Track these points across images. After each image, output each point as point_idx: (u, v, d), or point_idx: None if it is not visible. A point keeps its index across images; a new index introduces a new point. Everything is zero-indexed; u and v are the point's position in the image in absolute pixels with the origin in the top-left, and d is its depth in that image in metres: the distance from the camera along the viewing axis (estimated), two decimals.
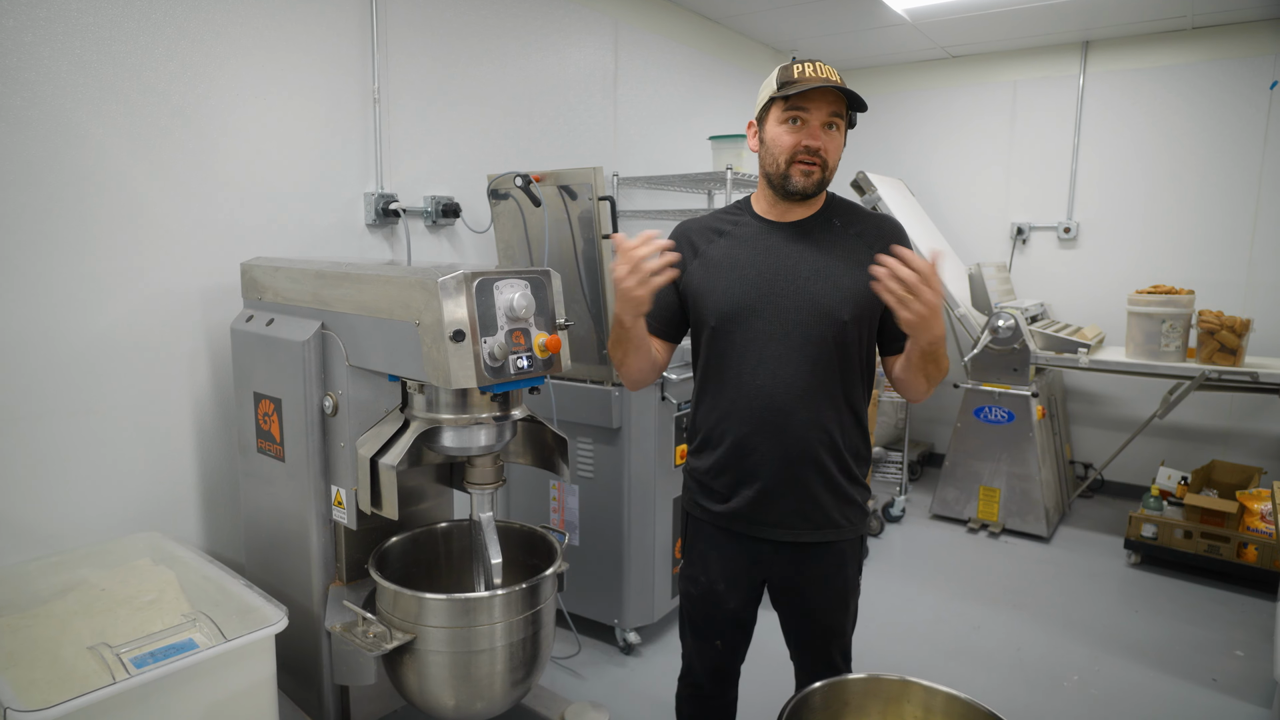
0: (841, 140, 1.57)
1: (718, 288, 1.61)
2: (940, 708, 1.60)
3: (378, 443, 1.70)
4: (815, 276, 1.57)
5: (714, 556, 1.70)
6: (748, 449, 1.60)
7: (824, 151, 1.53)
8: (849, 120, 1.58)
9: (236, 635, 1.54)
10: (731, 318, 1.59)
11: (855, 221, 1.63)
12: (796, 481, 1.60)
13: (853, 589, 1.71)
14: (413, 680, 1.71)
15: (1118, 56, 4.47)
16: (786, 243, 1.60)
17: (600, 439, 2.76)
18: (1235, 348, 3.61)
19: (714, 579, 1.71)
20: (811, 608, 1.69)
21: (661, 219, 3.72)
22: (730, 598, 1.70)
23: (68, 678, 1.43)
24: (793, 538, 1.63)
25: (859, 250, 1.58)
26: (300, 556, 1.90)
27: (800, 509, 1.61)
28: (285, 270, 1.93)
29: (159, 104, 2.07)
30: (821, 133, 1.53)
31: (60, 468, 1.97)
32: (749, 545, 1.66)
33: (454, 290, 1.53)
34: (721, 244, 1.64)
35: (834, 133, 1.54)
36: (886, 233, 1.61)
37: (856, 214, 1.66)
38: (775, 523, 1.63)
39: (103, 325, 2.02)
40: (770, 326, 1.57)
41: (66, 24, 1.88)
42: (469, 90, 2.92)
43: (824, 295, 1.55)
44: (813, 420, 1.58)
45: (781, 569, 1.67)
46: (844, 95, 1.51)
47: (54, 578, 1.80)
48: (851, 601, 1.72)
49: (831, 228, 1.62)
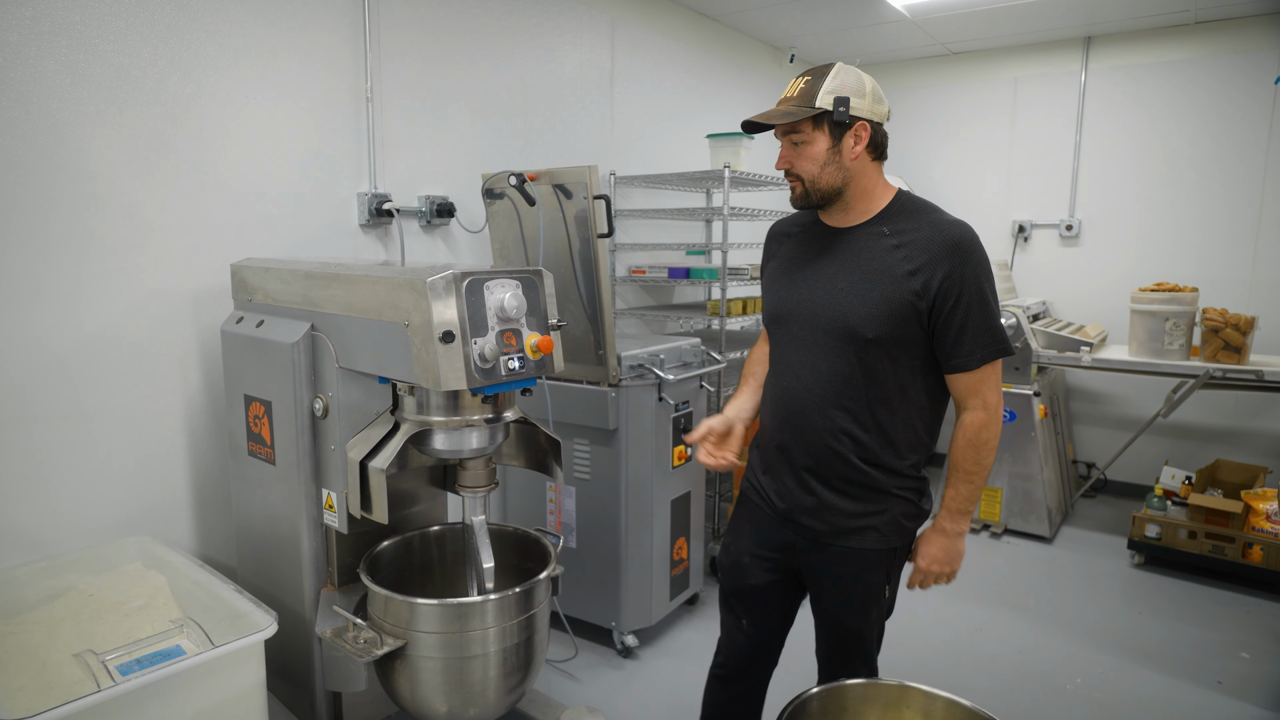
0: (814, 150, 1.55)
1: (772, 288, 1.72)
2: (940, 713, 1.57)
3: (368, 445, 1.67)
4: (847, 290, 1.56)
5: (747, 529, 1.78)
6: (777, 443, 1.69)
7: (793, 168, 1.59)
8: (830, 123, 1.52)
9: (224, 642, 1.52)
10: (776, 319, 1.69)
11: (909, 229, 1.55)
12: (811, 483, 1.65)
13: (874, 597, 1.69)
14: (405, 686, 1.69)
15: (1120, 52, 4.44)
16: (830, 251, 1.62)
17: (597, 440, 2.73)
18: (1240, 346, 3.58)
19: (742, 550, 1.78)
20: (829, 606, 1.71)
21: (659, 218, 3.70)
22: (754, 573, 1.76)
23: (53, 685, 1.41)
24: (813, 536, 1.67)
25: (896, 264, 1.52)
26: (292, 561, 1.87)
27: (815, 509, 1.65)
28: (275, 271, 1.91)
29: (149, 104, 2.05)
30: (788, 150, 1.59)
31: (51, 471, 1.95)
32: (780, 527, 1.71)
33: (443, 291, 1.50)
34: (787, 246, 1.74)
35: (800, 147, 1.57)
36: (937, 246, 1.52)
37: (916, 221, 1.56)
38: (799, 515, 1.67)
39: (93, 327, 2.00)
40: (803, 332, 1.62)
41: (53, 23, 1.86)
42: (463, 89, 2.90)
43: (850, 311, 1.55)
44: (829, 429, 1.60)
45: (807, 558, 1.70)
46: (805, 105, 1.52)
47: (43, 583, 1.78)
48: (872, 609, 1.70)
49: (879, 236, 1.56)
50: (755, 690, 1.87)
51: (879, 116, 1.56)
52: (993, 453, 1.60)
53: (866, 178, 1.58)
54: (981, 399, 1.57)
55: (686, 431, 2.84)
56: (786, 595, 1.79)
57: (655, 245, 3.59)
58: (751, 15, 4.16)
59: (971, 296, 1.51)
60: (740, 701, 1.87)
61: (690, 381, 2.91)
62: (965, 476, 1.61)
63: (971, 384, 1.57)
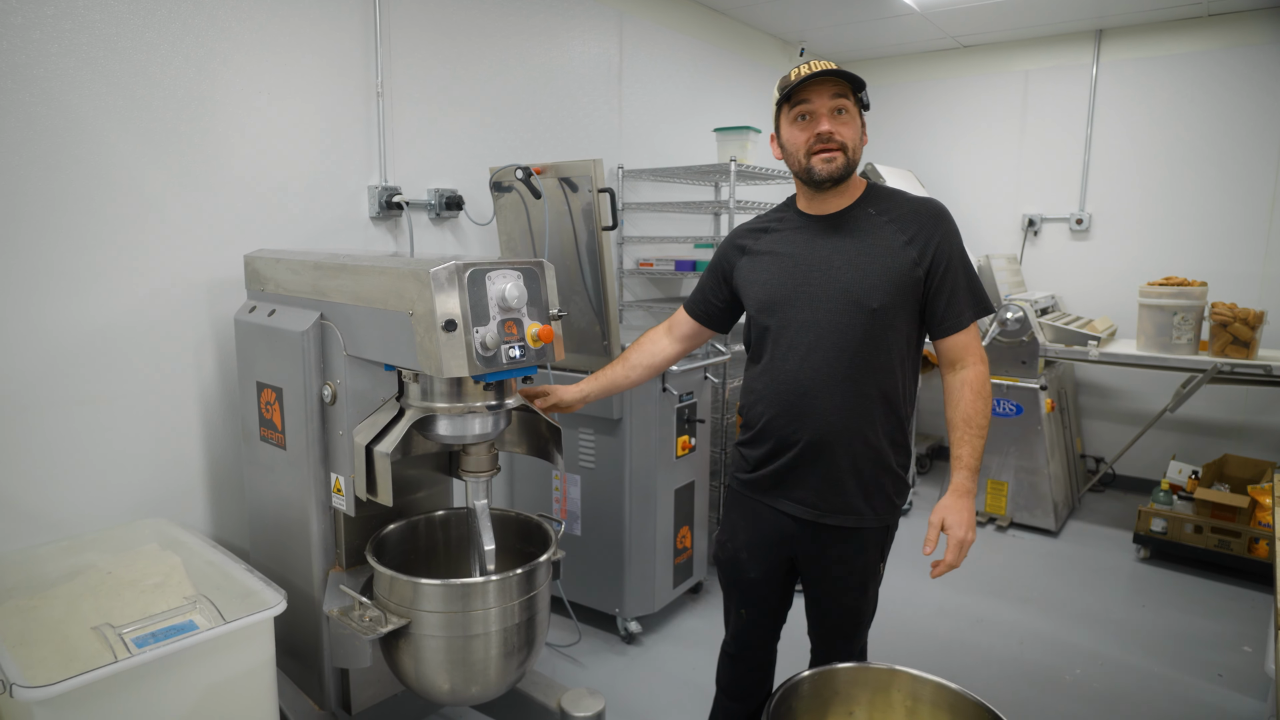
0: (856, 122, 1.62)
1: (759, 279, 1.74)
2: (929, 697, 1.62)
3: (374, 431, 1.73)
4: (847, 266, 1.62)
5: (742, 525, 1.83)
6: (777, 431, 1.71)
7: (838, 135, 1.59)
8: (861, 103, 1.63)
9: (236, 617, 1.58)
10: (768, 307, 1.71)
11: (893, 207, 1.66)
12: (819, 465, 1.68)
13: (872, 575, 1.76)
14: (409, 664, 1.74)
15: (1131, 45, 4.41)
16: (822, 234, 1.67)
17: (601, 430, 2.78)
18: (1248, 340, 3.56)
19: (739, 547, 1.83)
20: (830, 589, 1.77)
21: (666, 211, 3.73)
22: (751, 567, 1.81)
23: (73, 657, 1.48)
24: (814, 518, 1.70)
25: (891, 236, 1.62)
26: (301, 542, 1.94)
27: (822, 492, 1.69)
28: (286, 262, 1.97)
29: (165, 100, 2.11)
30: (831, 119, 1.59)
31: (70, 455, 2.02)
32: (775, 519, 1.76)
33: (446, 281, 1.55)
34: (766, 239, 1.77)
35: (844, 116, 1.60)
36: (923, 216, 1.64)
37: (895, 200, 1.68)
38: (799, 500, 1.71)
39: (111, 316, 2.06)
40: (803, 315, 1.65)
41: (74, 20, 1.92)
42: (472, 84, 2.94)
43: (854, 284, 1.61)
44: (839, 406, 1.64)
45: (805, 546, 1.75)
46: (845, 79, 1.57)
47: (63, 561, 1.85)
48: (871, 587, 1.77)
49: (867, 216, 1.66)
50: (764, 663, 1.97)
51: None
52: (990, 406, 1.66)
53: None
54: (977, 354, 1.66)
55: (690, 422, 2.90)
56: (784, 583, 1.85)
57: (663, 238, 3.63)
58: (760, 9, 4.18)
59: (957, 260, 1.63)
60: (752, 673, 1.97)
61: (694, 373, 2.95)
62: (978, 431, 1.63)
63: (965, 342, 1.65)
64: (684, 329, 1.95)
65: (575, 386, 1.95)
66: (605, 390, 1.95)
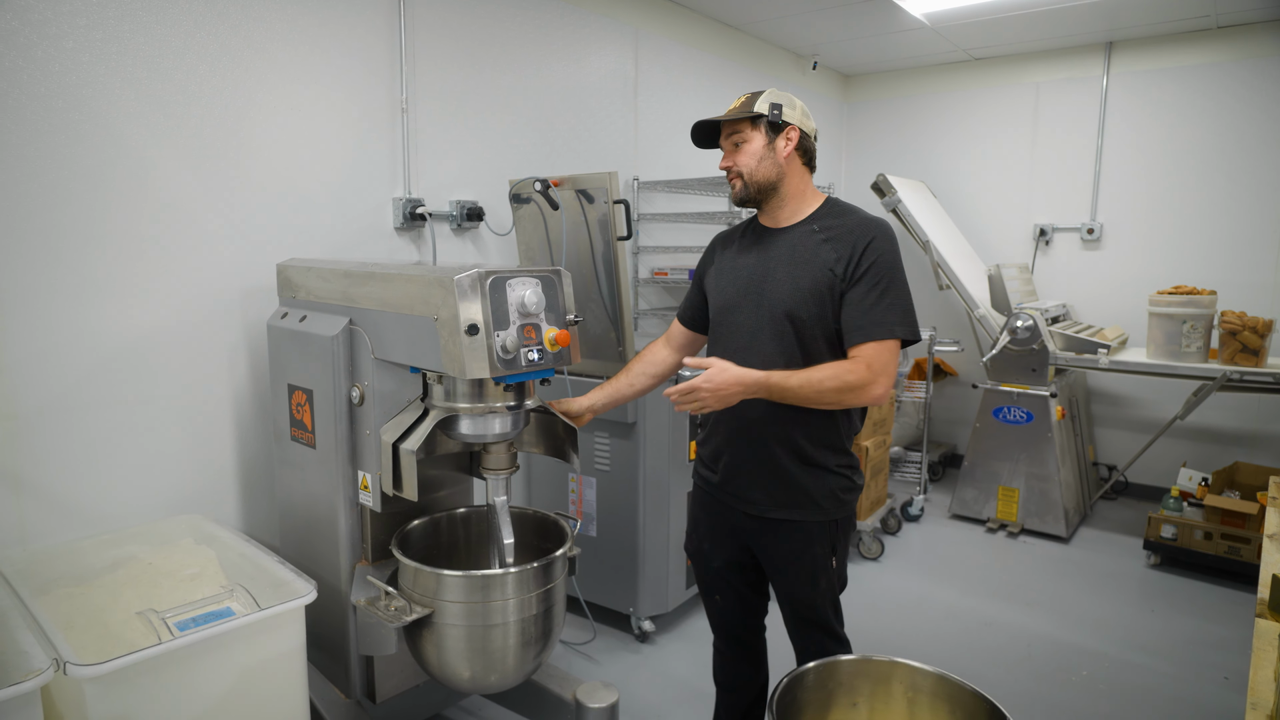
0: (751, 147, 1.76)
1: (716, 285, 1.90)
2: (928, 687, 1.68)
3: (399, 430, 1.82)
4: (784, 279, 1.74)
5: (703, 518, 1.99)
6: (721, 430, 1.87)
7: (735, 166, 1.79)
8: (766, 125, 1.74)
9: (270, 605, 1.67)
10: (721, 312, 1.85)
11: (835, 225, 1.75)
12: (755, 462, 1.80)
13: (821, 568, 1.83)
14: (431, 652, 1.83)
15: (1141, 57, 4.46)
16: (770, 248, 1.80)
17: (617, 434, 2.86)
18: (1258, 348, 3.59)
19: (701, 538, 1.99)
20: (782, 581, 1.87)
21: (681, 221, 3.81)
22: (714, 556, 1.95)
23: (118, 639, 1.57)
24: (759, 512, 1.82)
25: (825, 253, 1.72)
26: (329, 538, 2.03)
27: (761, 486, 1.81)
28: (316, 270, 2.07)
29: (202, 116, 2.23)
30: (729, 153, 1.80)
31: (111, 453, 2.13)
32: (727, 512, 1.90)
33: (469, 288, 1.64)
34: (731, 249, 1.91)
35: (739, 146, 1.78)
36: (856, 234, 1.71)
37: (841, 218, 1.77)
38: (745, 496, 1.84)
39: (150, 322, 2.18)
40: (746, 320, 1.79)
41: (120, 45, 2.04)
42: (493, 98, 3.05)
43: (787, 296, 1.73)
44: (771, 406, 1.73)
45: (756, 538, 1.86)
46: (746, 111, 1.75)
47: (106, 553, 1.95)
48: (820, 579, 1.84)
49: (810, 233, 1.77)
50: (751, 655, 2.07)
51: (808, 128, 1.79)
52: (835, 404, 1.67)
53: (798, 179, 1.79)
54: (873, 368, 1.65)
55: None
56: (749, 571, 1.95)
57: (677, 248, 3.71)
58: (773, 24, 4.27)
59: (875, 278, 1.67)
60: (740, 664, 2.07)
61: None
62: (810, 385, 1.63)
63: (868, 356, 1.66)
64: (679, 338, 2.05)
65: (582, 399, 2.04)
66: (611, 401, 2.04)
